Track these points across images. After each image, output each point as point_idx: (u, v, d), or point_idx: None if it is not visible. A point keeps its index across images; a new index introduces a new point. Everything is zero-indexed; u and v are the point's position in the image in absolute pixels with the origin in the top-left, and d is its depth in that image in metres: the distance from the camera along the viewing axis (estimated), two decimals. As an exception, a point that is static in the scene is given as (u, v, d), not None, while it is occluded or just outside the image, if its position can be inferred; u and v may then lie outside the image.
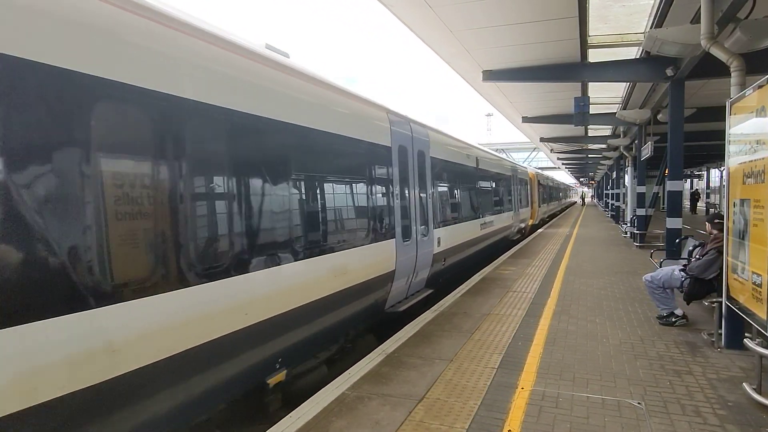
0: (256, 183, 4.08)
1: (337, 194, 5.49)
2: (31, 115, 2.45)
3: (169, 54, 3.27)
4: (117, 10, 2.95)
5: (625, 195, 24.07)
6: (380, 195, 6.44)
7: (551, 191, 34.90)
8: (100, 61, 2.78)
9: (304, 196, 4.76)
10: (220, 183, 3.71)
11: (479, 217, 11.83)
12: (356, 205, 5.90)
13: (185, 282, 3.26)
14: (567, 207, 55.52)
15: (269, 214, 4.21)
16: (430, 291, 8.27)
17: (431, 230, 8.17)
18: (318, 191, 5.05)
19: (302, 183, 4.74)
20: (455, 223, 9.90)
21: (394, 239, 6.68)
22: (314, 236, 4.90)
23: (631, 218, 18.13)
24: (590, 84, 13.59)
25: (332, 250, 5.15)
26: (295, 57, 5.16)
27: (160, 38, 3.23)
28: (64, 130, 2.60)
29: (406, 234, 7.12)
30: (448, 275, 9.54)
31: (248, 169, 3.99)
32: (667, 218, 11.38)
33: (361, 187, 6.01)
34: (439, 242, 8.47)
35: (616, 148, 23.89)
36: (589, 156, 35.96)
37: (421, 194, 7.89)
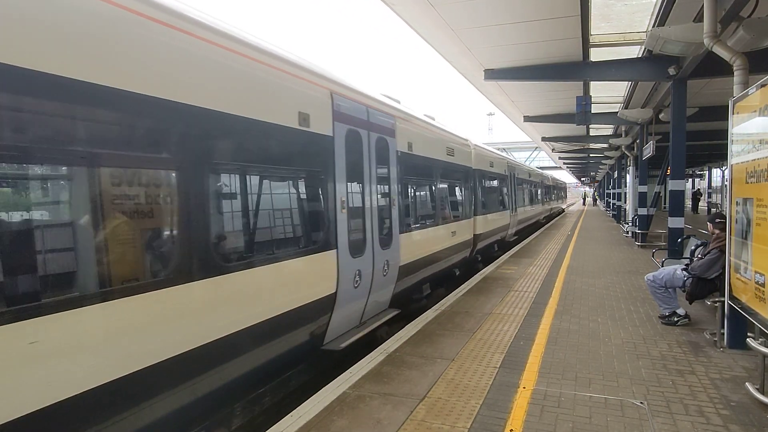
0: None
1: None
2: None
3: None
4: None
5: (626, 194, 24.03)
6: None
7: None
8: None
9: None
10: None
11: None
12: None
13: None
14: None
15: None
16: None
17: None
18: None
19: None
20: None
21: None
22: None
23: (633, 218, 18.12)
24: (592, 83, 13.58)
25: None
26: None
27: None
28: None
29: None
30: None
31: None
32: (669, 218, 11.36)
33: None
34: None
35: (617, 148, 23.87)
36: (591, 155, 35.94)
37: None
